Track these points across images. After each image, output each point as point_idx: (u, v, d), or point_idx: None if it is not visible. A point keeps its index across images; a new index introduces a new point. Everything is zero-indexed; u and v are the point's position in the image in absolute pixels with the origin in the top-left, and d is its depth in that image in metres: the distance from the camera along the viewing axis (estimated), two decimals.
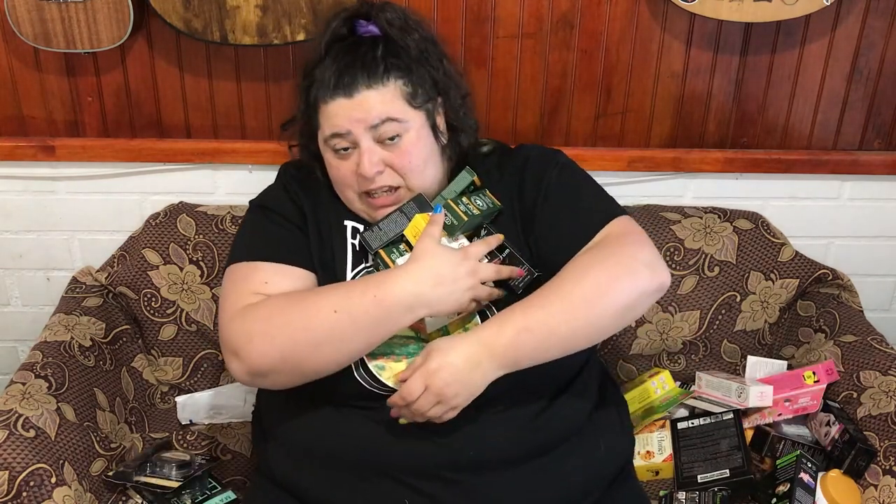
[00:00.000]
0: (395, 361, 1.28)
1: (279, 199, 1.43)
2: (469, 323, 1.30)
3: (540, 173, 1.38)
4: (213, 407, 1.72)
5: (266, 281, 1.31)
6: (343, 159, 1.34)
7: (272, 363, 1.23)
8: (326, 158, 1.37)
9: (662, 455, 1.58)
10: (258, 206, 1.44)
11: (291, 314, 1.23)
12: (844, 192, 1.89)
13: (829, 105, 1.82)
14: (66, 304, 1.69)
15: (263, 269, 1.33)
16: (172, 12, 1.57)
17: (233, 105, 1.76)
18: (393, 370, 1.27)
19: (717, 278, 1.77)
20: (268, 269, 1.33)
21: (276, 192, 1.45)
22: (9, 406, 1.38)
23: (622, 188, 1.84)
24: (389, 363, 1.28)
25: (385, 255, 1.33)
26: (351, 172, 1.34)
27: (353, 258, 1.36)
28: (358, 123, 1.31)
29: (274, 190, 1.47)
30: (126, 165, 1.79)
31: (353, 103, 1.30)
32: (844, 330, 1.69)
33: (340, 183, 1.37)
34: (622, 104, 1.79)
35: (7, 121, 1.77)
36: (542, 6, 1.69)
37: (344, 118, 1.31)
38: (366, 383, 1.27)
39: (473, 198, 1.36)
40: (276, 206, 1.41)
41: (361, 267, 1.36)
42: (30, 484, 1.29)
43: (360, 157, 1.31)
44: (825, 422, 1.53)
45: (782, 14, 1.64)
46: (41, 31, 1.60)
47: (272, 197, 1.45)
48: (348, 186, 1.36)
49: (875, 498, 1.39)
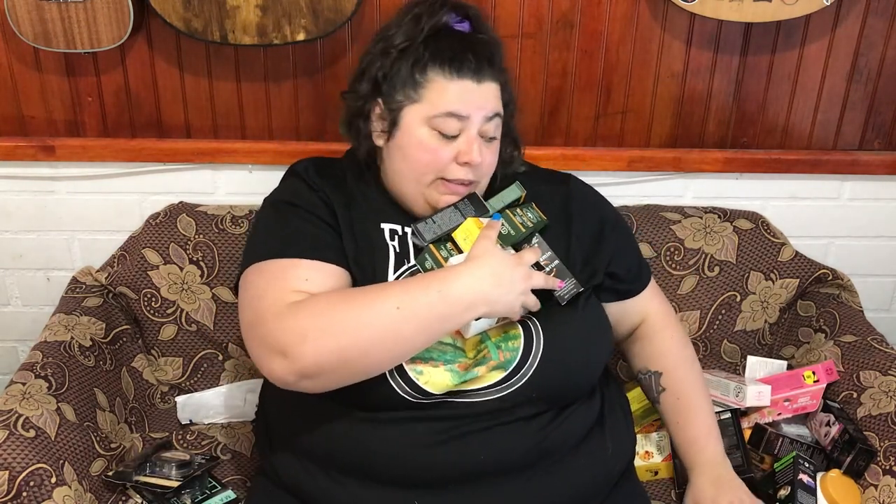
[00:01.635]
0: (434, 367, 1.26)
1: (307, 196, 1.37)
2: (511, 330, 1.30)
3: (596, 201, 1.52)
4: (212, 407, 1.72)
5: (307, 278, 1.26)
6: (444, 143, 1.30)
7: (326, 363, 1.17)
8: (419, 139, 1.31)
9: (661, 455, 1.58)
10: (284, 203, 1.38)
11: (350, 311, 1.18)
12: (844, 192, 1.89)
13: (828, 105, 1.82)
14: (66, 304, 1.69)
15: (302, 266, 1.27)
16: (172, 12, 1.57)
17: (233, 105, 1.76)
18: (431, 376, 1.25)
19: (717, 278, 1.77)
20: (306, 266, 1.28)
21: (302, 189, 1.39)
22: (9, 406, 1.38)
23: (622, 188, 1.84)
24: (428, 368, 1.26)
25: (435, 250, 1.32)
26: (449, 158, 1.31)
27: (395, 260, 1.33)
28: (479, 111, 1.30)
29: (297, 187, 1.40)
30: (126, 165, 1.79)
31: (480, 89, 1.30)
32: (844, 330, 1.69)
33: (425, 165, 1.32)
34: (622, 104, 1.79)
35: (7, 121, 1.77)
36: (542, 6, 1.69)
37: (468, 102, 1.29)
38: (399, 388, 1.24)
39: (525, 210, 1.36)
40: (305, 203, 1.35)
41: (404, 268, 1.33)
42: (30, 484, 1.29)
43: (467, 144, 1.30)
44: (825, 422, 1.53)
45: (782, 14, 1.64)
46: (41, 31, 1.60)
47: (298, 193, 1.38)
48: (432, 170, 1.32)
49: (875, 498, 1.39)
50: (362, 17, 1.70)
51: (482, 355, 1.28)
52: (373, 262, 1.32)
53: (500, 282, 1.21)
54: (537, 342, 1.28)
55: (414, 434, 1.24)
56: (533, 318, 1.30)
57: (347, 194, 1.38)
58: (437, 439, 1.24)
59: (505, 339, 1.29)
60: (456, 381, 1.26)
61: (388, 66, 1.33)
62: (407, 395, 1.24)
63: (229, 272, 1.73)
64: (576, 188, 1.50)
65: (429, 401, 1.25)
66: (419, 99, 1.31)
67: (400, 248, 1.35)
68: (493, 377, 1.26)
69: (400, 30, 1.35)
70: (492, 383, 1.26)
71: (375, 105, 1.36)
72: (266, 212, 1.42)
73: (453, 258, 1.30)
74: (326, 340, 1.17)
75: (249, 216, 1.75)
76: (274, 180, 1.56)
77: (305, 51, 1.72)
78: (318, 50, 1.72)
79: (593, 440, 1.34)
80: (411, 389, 1.24)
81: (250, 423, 1.70)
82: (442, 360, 1.27)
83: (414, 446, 1.24)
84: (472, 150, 1.30)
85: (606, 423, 1.37)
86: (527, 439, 1.27)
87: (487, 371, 1.27)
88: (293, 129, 1.79)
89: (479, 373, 1.27)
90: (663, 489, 1.56)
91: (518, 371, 1.26)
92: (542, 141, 1.81)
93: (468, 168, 1.31)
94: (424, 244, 1.33)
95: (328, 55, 1.72)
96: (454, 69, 1.29)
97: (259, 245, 1.35)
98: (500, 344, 1.29)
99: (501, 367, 1.27)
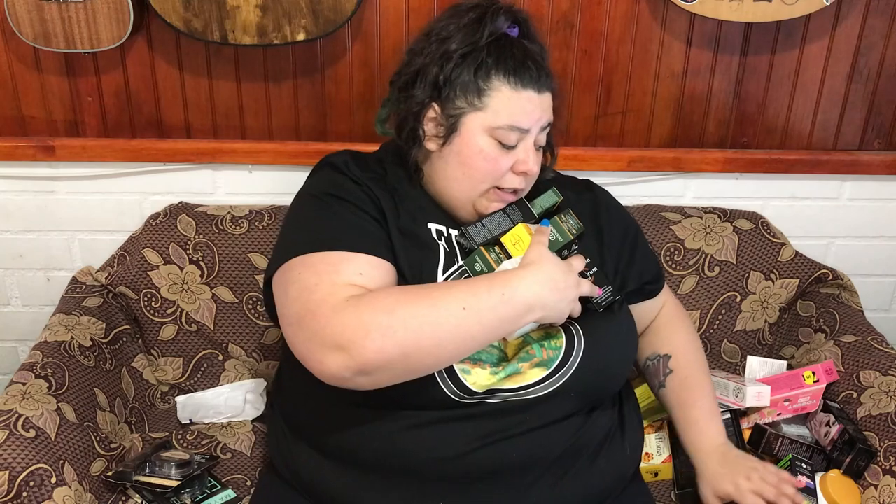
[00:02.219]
0: (481, 368, 1.26)
1: (352, 190, 1.32)
2: (552, 332, 1.30)
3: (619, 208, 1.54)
4: (212, 407, 1.72)
5: (361, 272, 1.22)
6: (503, 153, 1.30)
7: (388, 359, 1.14)
8: (480, 148, 1.30)
9: (661, 456, 1.58)
10: (328, 195, 1.32)
11: (418, 308, 1.16)
12: (844, 192, 1.89)
13: (829, 105, 1.82)
14: (66, 304, 1.69)
15: (355, 260, 1.23)
16: (172, 12, 1.57)
17: (233, 105, 1.76)
18: (478, 376, 1.26)
19: (717, 278, 1.77)
20: (360, 260, 1.24)
21: (345, 182, 1.34)
22: (9, 406, 1.38)
23: (622, 188, 1.84)
24: (476, 369, 1.26)
25: (486, 253, 1.32)
26: (507, 167, 1.31)
27: (444, 259, 1.32)
28: (537, 123, 1.31)
29: (339, 180, 1.35)
30: (126, 165, 1.79)
31: (540, 100, 1.31)
32: (844, 330, 1.69)
33: (484, 174, 1.31)
34: (622, 104, 1.79)
35: (7, 121, 1.77)
36: (542, 6, 1.69)
37: (530, 114, 1.30)
38: (446, 387, 1.24)
39: (567, 217, 1.36)
40: (352, 196, 1.31)
41: (454, 269, 1.33)
42: (30, 484, 1.29)
43: (525, 153, 1.31)
44: (825, 422, 1.53)
45: (782, 14, 1.64)
46: (41, 31, 1.60)
47: (342, 186, 1.33)
48: (489, 179, 1.32)
49: (875, 498, 1.39)
50: (362, 17, 1.70)
51: (525, 352, 1.29)
52: (421, 260, 1.31)
53: (556, 287, 1.22)
54: (578, 344, 1.29)
55: (452, 434, 1.24)
56: (574, 322, 1.31)
57: (391, 191, 1.36)
58: (473, 438, 1.24)
59: (547, 338, 1.30)
60: (500, 378, 1.26)
61: (450, 70, 1.30)
62: (452, 395, 1.24)
63: (229, 272, 1.73)
64: (601, 196, 1.52)
65: (471, 400, 1.24)
66: (482, 107, 1.29)
67: (449, 249, 1.34)
68: (536, 375, 1.27)
69: (458, 34, 1.31)
70: (534, 381, 1.26)
71: (430, 109, 1.32)
72: (307, 204, 1.36)
73: (505, 262, 1.30)
74: (391, 337, 1.13)
75: (249, 216, 1.75)
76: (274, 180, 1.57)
77: (305, 51, 1.72)
78: (318, 50, 1.72)
79: (614, 442, 1.35)
80: (458, 389, 1.24)
81: (250, 422, 1.70)
82: (489, 362, 1.28)
83: (450, 446, 1.24)
84: (530, 160, 1.31)
85: (626, 425, 1.38)
86: (558, 440, 1.27)
87: (530, 367, 1.27)
88: (293, 129, 1.79)
89: (521, 368, 1.27)
90: (664, 490, 1.56)
91: (560, 370, 1.27)
92: None
93: (523, 177, 1.33)
94: (475, 247, 1.33)
95: (328, 55, 1.72)
96: (518, 79, 1.29)
97: (303, 237, 1.29)
98: (543, 343, 1.29)
99: (544, 365, 1.27)
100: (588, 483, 1.30)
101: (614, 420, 1.36)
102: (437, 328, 1.15)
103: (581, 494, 1.29)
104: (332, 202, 1.31)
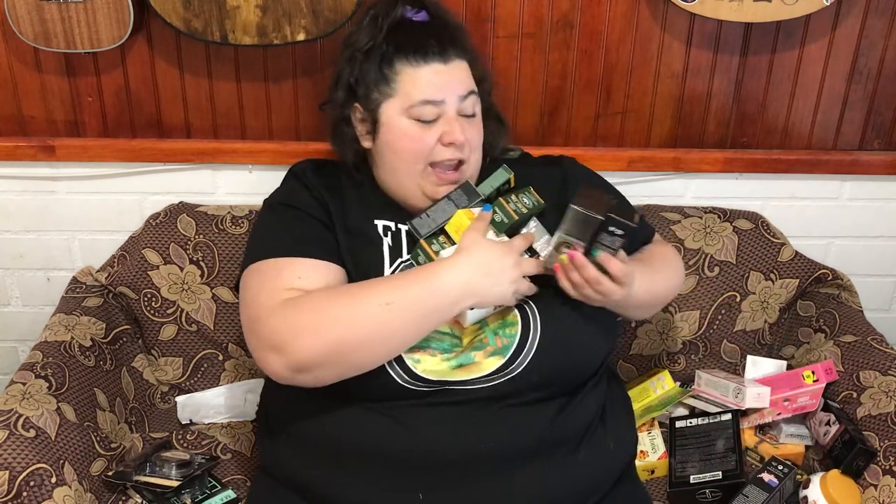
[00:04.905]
0: (431, 356, 1.28)
1: (302, 197, 1.41)
2: (508, 317, 1.30)
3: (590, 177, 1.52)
4: (213, 407, 1.72)
5: (300, 276, 1.29)
6: (425, 129, 1.34)
7: (319, 358, 1.21)
8: (402, 130, 1.35)
9: (657, 454, 1.58)
10: (280, 204, 1.43)
11: (340, 308, 1.22)
12: (844, 192, 1.89)
13: (828, 105, 1.82)
14: (67, 304, 1.69)
15: (296, 265, 1.31)
16: (172, 12, 1.57)
17: (233, 105, 1.76)
18: (428, 363, 1.27)
19: (716, 278, 1.77)
20: (301, 265, 1.31)
21: (298, 190, 1.43)
22: (9, 406, 1.38)
23: (622, 188, 1.83)
24: (426, 357, 1.28)
25: (426, 245, 1.34)
26: (433, 142, 1.33)
27: (389, 254, 1.36)
28: (452, 92, 1.33)
29: (294, 188, 1.45)
30: (126, 165, 1.79)
31: (449, 69, 1.34)
32: (844, 330, 1.69)
33: (414, 154, 1.35)
34: (622, 104, 1.79)
35: (7, 121, 1.77)
36: (542, 6, 1.69)
37: (439, 85, 1.33)
38: (399, 378, 1.26)
39: (521, 196, 1.37)
40: (301, 203, 1.40)
41: (399, 262, 1.36)
42: (30, 484, 1.29)
43: (448, 124, 1.33)
44: (825, 421, 1.54)
45: (782, 14, 1.64)
46: (41, 31, 1.60)
47: (293, 194, 1.43)
48: (421, 158, 1.35)
49: (875, 498, 1.39)
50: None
51: (479, 340, 1.29)
52: (367, 258, 1.35)
53: (488, 272, 1.24)
54: (534, 327, 1.29)
55: (416, 422, 1.26)
56: (530, 303, 1.31)
57: (341, 192, 1.42)
58: (438, 429, 1.25)
59: (502, 325, 1.30)
60: (454, 365, 1.27)
61: (357, 70, 1.38)
62: (405, 384, 1.26)
63: (229, 272, 1.73)
64: (570, 167, 1.52)
65: (427, 388, 1.26)
66: (393, 93, 1.35)
67: (393, 244, 1.37)
68: (492, 364, 1.27)
69: (361, 33, 1.40)
70: (491, 371, 1.27)
71: (355, 110, 1.41)
72: (263, 214, 1.46)
73: (444, 251, 1.32)
74: (318, 336, 1.20)
75: (249, 216, 1.75)
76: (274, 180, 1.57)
77: (305, 51, 1.72)
78: (318, 50, 1.72)
79: (595, 435, 1.34)
80: (409, 377, 1.26)
81: (250, 422, 1.70)
82: (439, 349, 1.28)
83: (416, 434, 1.25)
84: (454, 129, 1.33)
85: (608, 419, 1.38)
86: (530, 427, 1.27)
87: (485, 357, 1.27)
88: (293, 129, 1.79)
89: (475, 358, 1.27)
90: (661, 487, 1.56)
91: (517, 357, 1.27)
92: (542, 141, 1.81)
93: (453, 148, 1.34)
94: (419, 238, 1.35)
95: (328, 55, 1.72)
96: (419, 56, 1.33)
97: (255, 246, 1.39)
98: (498, 331, 1.30)
99: (500, 354, 1.28)
100: (570, 475, 1.29)
101: (594, 413, 1.35)
102: (362, 325, 1.21)
103: (566, 488, 1.29)
104: (281, 211, 1.41)
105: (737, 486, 1.45)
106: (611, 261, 1.23)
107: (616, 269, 1.23)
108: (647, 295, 1.38)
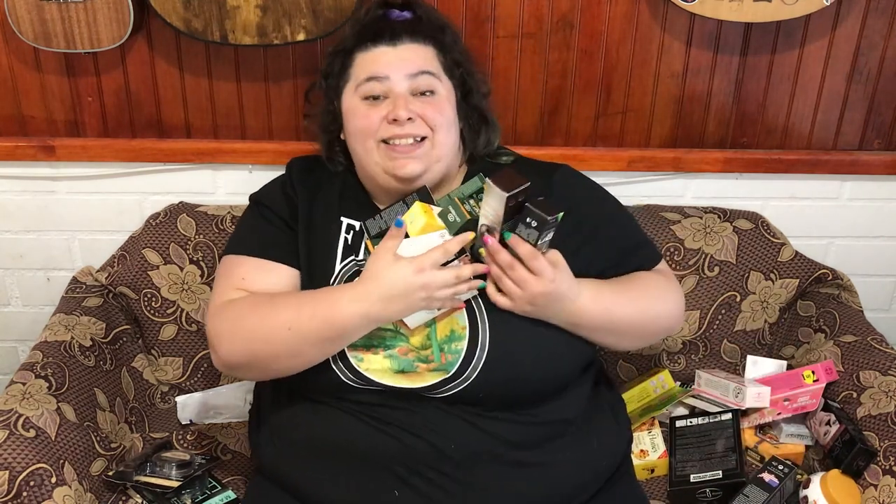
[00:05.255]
0: (374, 354, 1.27)
1: (273, 195, 1.45)
2: (457, 330, 1.28)
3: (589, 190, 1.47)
4: (213, 407, 1.72)
5: (244, 277, 1.35)
6: (373, 107, 1.36)
7: (238, 363, 1.30)
8: (353, 109, 1.38)
9: (657, 453, 1.58)
10: (253, 202, 1.48)
11: (250, 323, 1.28)
12: (844, 192, 1.89)
13: (828, 105, 1.82)
14: (67, 304, 1.69)
15: (245, 265, 1.37)
16: (172, 12, 1.57)
17: (233, 105, 1.76)
18: (371, 362, 1.26)
19: (716, 278, 1.77)
20: (249, 265, 1.37)
21: (273, 188, 1.48)
22: (9, 406, 1.38)
23: (622, 188, 1.84)
24: (368, 354, 1.27)
25: (372, 246, 1.34)
26: (379, 119, 1.34)
27: (343, 251, 1.37)
28: (398, 70, 1.35)
29: (271, 185, 1.50)
30: (126, 165, 1.79)
31: (396, 51, 1.37)
32: (844, 330, 1.69)
33: (364, 132, 1.36)
34: (622, 104, 1.79)
35: (7, 121, 1.77)
36: (542, 6, 1.69)
37: (384, 63, 1.36)
38: (342, 374, 1.26)
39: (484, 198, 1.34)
40: (269, 201, 1.44)
41: (349, 260, 1.36)
42: (30, 484, 1.29)
43: (393, 101, 1.34)
44: (825, 421, 1.54)
45: (782, 14, 1.64)
46: (41, 31, 1.60)
47: (267, 192, 1.48)
48: (370, 135, 1.36)
49: (875, 498, 1.39)
50: None
51: (425, 352, 1.27)
52: (320, 256, 1.37)
53: (390, 298, 1.20)
54: (482, 343, 1.26)
55: (368, 418, 1.26)
56: (484, 317, 1.27)
57: (320, 189, 1.44)
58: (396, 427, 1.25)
59: (450, 339, 1.27)
60: (396, 368, 1.26)
61: (327, 67, 1.45)
62: (350, 381, 1.26)
63: None
64: (560, 181, 1.44)
65: (373, 388, 1.26)
66: (348, 78, 1.40)
67: (351, 242, 1.38)
68: (434, 377, 1.26)
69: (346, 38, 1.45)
70: (432, 384, 1.25)
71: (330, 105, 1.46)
72: (244, 210, 1.52)
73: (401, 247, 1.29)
74: (234, 345, 1.28)
75: None
76: None
77: (305, 51, 1.72)
78: (318, 50, 1.72)
79: (577, 434, 1.33)
80: (353, 375, 1.26)
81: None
82: (382, 346, 1.28)
83: (370, 430, 1.26)
84: (397, 106, 1.33)
85: (592, 420, 1.37)
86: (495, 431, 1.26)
87: (428, 370, 1.26)
88: (293, 129, 1.79)
89: (418, 368, 1.26)
90: (661, 487, 1.56)
91: (461, 374, 1.25)
92: (542, 141, 1.81)
93: (397, 125, 1.33)
94: (370, 239, 1.35)
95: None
96: (369, 41, 1.38)
97: (228, 241, 1.49)
98: (444, 346, 1.27)
99: (443, 370, 1.26)
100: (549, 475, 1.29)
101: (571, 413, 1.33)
102: (267, 344, 1.26)
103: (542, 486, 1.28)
104: (252, 208, 1.47)
105: (737, 485, 1.45)
106: (520, 244, 1.21)
107: (525, 251, 1.20)
108: (604, 314, 1.30)
